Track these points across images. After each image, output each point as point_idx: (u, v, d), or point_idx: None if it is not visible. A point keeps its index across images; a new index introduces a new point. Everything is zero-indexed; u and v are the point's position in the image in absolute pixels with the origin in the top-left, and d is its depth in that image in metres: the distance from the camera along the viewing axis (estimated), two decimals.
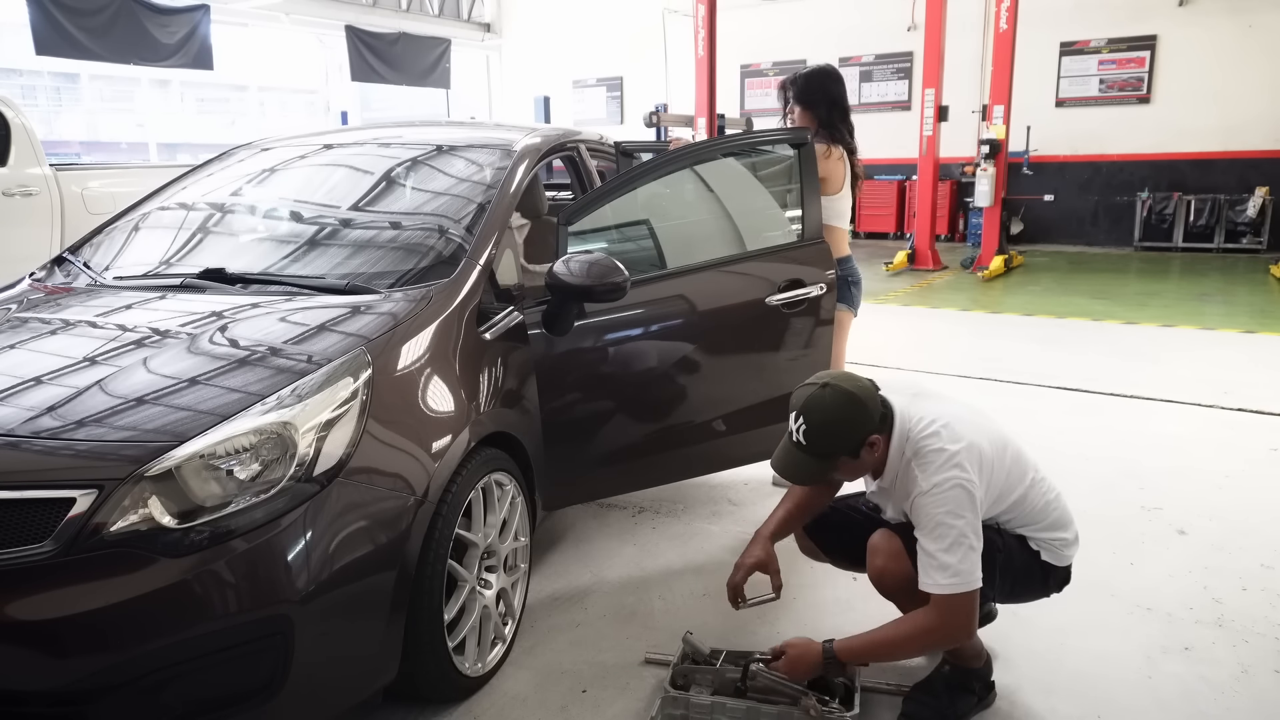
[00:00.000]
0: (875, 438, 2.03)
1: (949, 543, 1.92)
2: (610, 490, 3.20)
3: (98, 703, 1.66)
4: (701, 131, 10.73)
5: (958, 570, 1.92)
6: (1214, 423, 4.52)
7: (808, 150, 3.21)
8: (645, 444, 2.98)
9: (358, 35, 14.17)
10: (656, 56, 15.11)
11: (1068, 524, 2.19)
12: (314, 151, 3.42)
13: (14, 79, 13.84)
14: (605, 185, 2.94)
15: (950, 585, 1.92)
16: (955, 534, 1.92)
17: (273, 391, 1.93)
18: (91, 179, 6.26)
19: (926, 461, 1.99)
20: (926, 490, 1.97)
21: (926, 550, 1.96)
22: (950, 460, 1.97)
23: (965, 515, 1.94)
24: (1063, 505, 2.20)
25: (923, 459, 2.00)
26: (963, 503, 1.94)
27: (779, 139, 3.32)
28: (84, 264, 2.89)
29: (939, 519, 1.94)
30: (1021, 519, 2.13)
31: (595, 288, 2.53)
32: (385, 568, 1.93)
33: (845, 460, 2.05)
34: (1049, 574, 2.19)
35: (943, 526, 1.94)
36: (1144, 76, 11.94)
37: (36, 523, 1.69)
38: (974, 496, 1.96)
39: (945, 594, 1.93)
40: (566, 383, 2.76)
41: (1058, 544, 2.16)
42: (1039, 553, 2.15)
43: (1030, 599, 2.27)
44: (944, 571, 1.92)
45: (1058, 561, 2.18)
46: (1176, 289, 9.00)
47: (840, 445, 2.02)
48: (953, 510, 1.93)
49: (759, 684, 2.16)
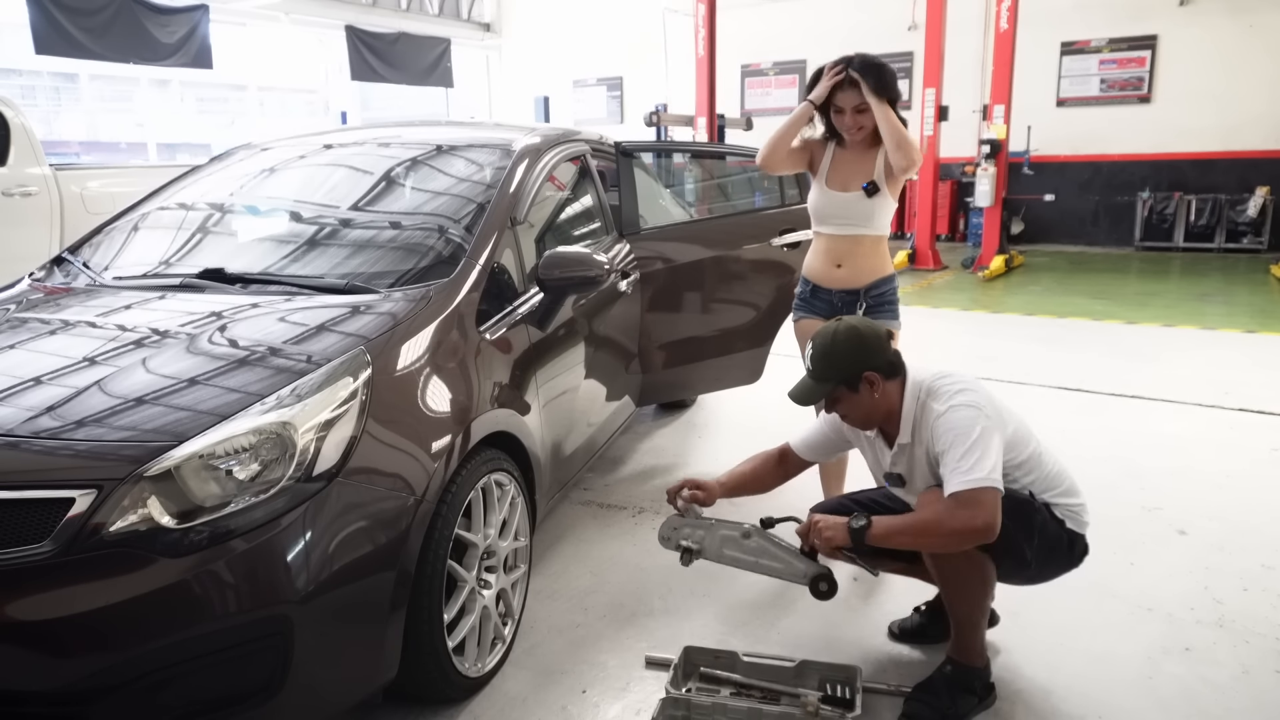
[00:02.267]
0: (873, 375, 2.15)
1: (968, 446, 1.99)
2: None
3: (98, 703, 1.66)
4: (701, 131, 10.75)
5: (973, 467, 1.97)
6: (1214, 423, 4.52)
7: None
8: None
9: (358, 35, 14.16)
10: (656, 56, 15.10)
11: (1078, 491, 2.26)
12: (314, 151, 3.42)
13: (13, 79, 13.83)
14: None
15: (975, 481, 1.97)
16: (975, 437, 2.00)
17: (272, 391, 1.92)
18: (91, 179, 6.25)
19: (940, 393, 2.12)
20: (943, 412, 2.07)
21: (950, 462, 2.01)
22: (964, 388, 2.10)
23: (980, 424, 2.02)
24: (1070, 473, 2.28)
25: (937, 393, 2.12)
26: (977, 416, 2.03)
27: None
28: (83, 264, 2.89)
29: (956, 430, 2.03)
30: (1042, 482, 2.19)
31: (573, 280, 2.74)
32: (385, 568, 1.92)
33: (844, 391, 2.17)
34: (1074, 542, 2.23)
35: (960, 436, 2.02)
36: (1144, 76, 11.93)
37: (36, 523, 1.68)
38: (986, 413, 2.04)
39: (970, 489, 1.97)
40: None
41: (1077, 509, 2.23)
42: (1064, 520, 2.20)
43: (1057, 572, 2.28)
44: (968, 474, 1.97)
45: (1080, 528, 2.23)
46: (1177, 289, 9.00)
47: (837, 371, 2.15)
48: (969, 420, 2.03)
49: (753, 544, 2.23)
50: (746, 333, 3.96)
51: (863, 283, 2.96)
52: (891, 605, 2.69)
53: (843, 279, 2.98)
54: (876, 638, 2.56)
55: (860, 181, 2.90)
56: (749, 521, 2.28)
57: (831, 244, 2.99)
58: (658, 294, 3.70)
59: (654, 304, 3.68)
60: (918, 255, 10.65)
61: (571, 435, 2.99)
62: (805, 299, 3.10)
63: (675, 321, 3.82)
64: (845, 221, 2.94)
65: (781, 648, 2.47)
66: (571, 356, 3.00)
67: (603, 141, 3.90)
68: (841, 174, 2.95)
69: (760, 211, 3.79)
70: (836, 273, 2.98)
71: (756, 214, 4.27)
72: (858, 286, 2.97)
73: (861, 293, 2.96)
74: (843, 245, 2.97)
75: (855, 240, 2.95)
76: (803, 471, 2.54)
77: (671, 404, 4.81)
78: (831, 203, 2.95)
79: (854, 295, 2.97)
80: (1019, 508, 2.10)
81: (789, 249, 3.83)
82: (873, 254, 2.97)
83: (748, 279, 3.94)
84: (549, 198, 3.28)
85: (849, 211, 2.92)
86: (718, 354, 3.95)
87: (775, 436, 2.57)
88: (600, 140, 3.89)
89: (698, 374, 3.99)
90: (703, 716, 2.14)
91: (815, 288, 3.06)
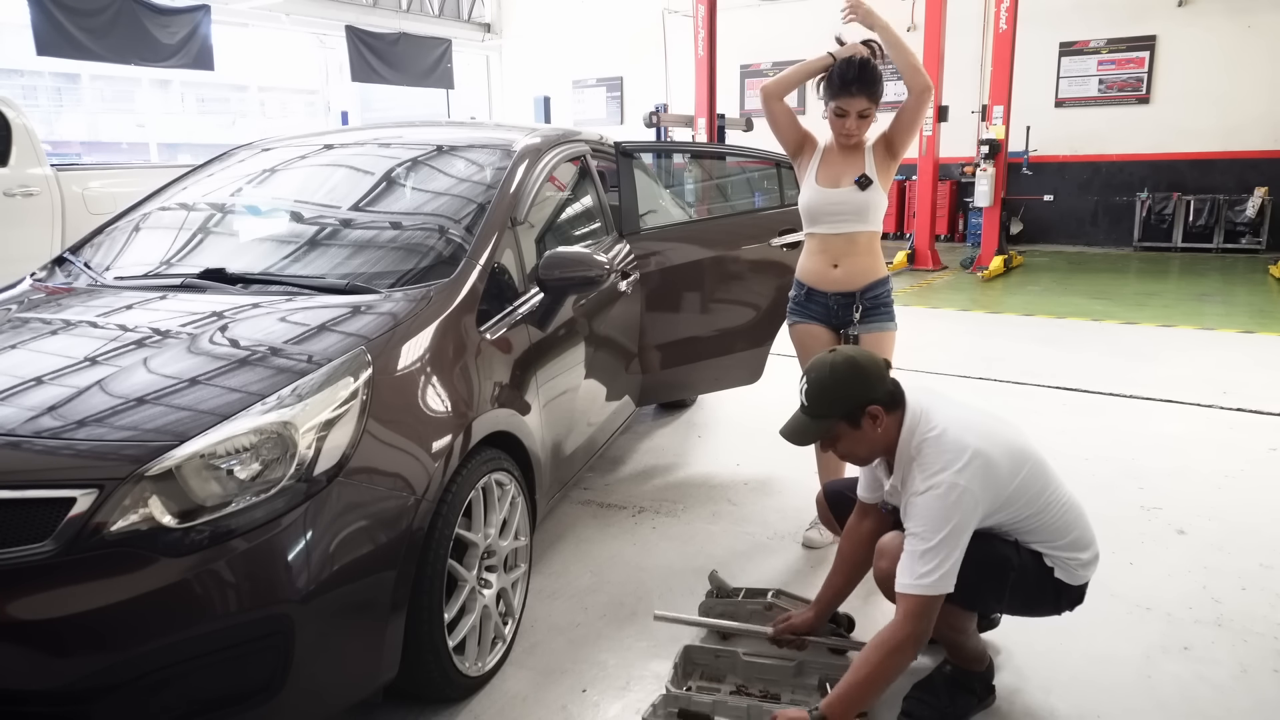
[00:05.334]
0: (876, 409, 2.02)
1: (928, 546, 1.92)
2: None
3: (98, 703, 1.67)
4: (701, 132, 10.75)
5: (927, 573, 1.91)
6: (1214, 423, 4.52)
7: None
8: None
9: (358, 35, 14.17)
10: (656, 56, 15.12)
11: (1088, 545, 2.14)
12: (314, 152, 3.42)
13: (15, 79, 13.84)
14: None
15: (916, 586, 1.91)
16: (938, 538, 1.91)
17: (273, 391, 1.93)
18: (92, 179, 6.26)
19: (927, 463, 1.98)
20: (921, 491, 1.96)
21: (909, 549, 1.96)
22: (949, 464, 1.95)
23: (952, 520, 1.92)
24: (1085, 525, 2.15)
25: (923, 459, 1.99)
26: (952, 509, 1.92)
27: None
28: (85, 264, 2.89)
29: (926, 520, 1.93)
30: (1039, 534, 2.08)
31: (573, 280, 2.76)
32: (385, 567, 1.93)
33: (844, 428, 2.05)
34: (1061, 592, 2.13)
35: (927, 529, 1.93)
36: (1143, 77, 11.94)
37: (37, 522, 1.69)
38: (963, 505, 1.93)
39: (912, 594, 1.92)
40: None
41: (1073, 563, 2.11)
42: (1054, 569, 2.10)
43: (1041, 615, 2.24)
44: (914, 573, 1.92)
45: (1072, 580, 2.13)
46: (1176, 289, 9.00)
47: (835, 408, 2.03)
48: (942, 514, 1.92)
49: (775, 614, 2.44)
50: (746, 333, 3.96)
51: (858, 285, 2.95)
52: (892, 605, 2.68)
53: (839, 280, 2.96)
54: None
55: (852, 177, 2.90)
56: (772, 588, 2.58)
57: (827, 243, 2.97)
58: (658, 294, 3.70)
59: (654, 304, 3.69)
60: (917, 255, 10.65)
61: (571, 435, 2.99)
62: (800, 303, 3.08)
63: (675, 321, 3.82)
64: (840, 218, 2.93)
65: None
66: (572, 356, 3.01)
67: (603, 142, 3.91)
68: (831, 171, 2.95)
69: (760, 212, 3.80)
70: (833, 274, 2.97)
71: (756, 214, 4.29)
72: (854, 289, 2.95)
73: (857, 295, 2.95)
74: (839, 244, 2.95)
75: (851, 239, 2.94)
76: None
77: (671, 404, 4.82)
78: (825, 199, 2.93)
79: (850, 298, 2.96)
80: (992, 565, 2.02)
81: (788, 249, 3.84)
82: (868, 253, 2.96)
83: (747, 279, 3.95)
84: (549, 198, 3.29)
85: (843, 207, 2.91)
86: (718, 354, 3.95)
87: (775, 436, 2.56)
88: (600, 140, 3.89)
89: (698, 374, 3.99)
90: (703, 711, 2.15)
91: (810, 290, 3.03)
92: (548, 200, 3.27)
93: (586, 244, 3.43)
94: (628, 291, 3.51)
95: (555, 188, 3.37)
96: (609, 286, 3.31)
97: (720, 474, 3.88)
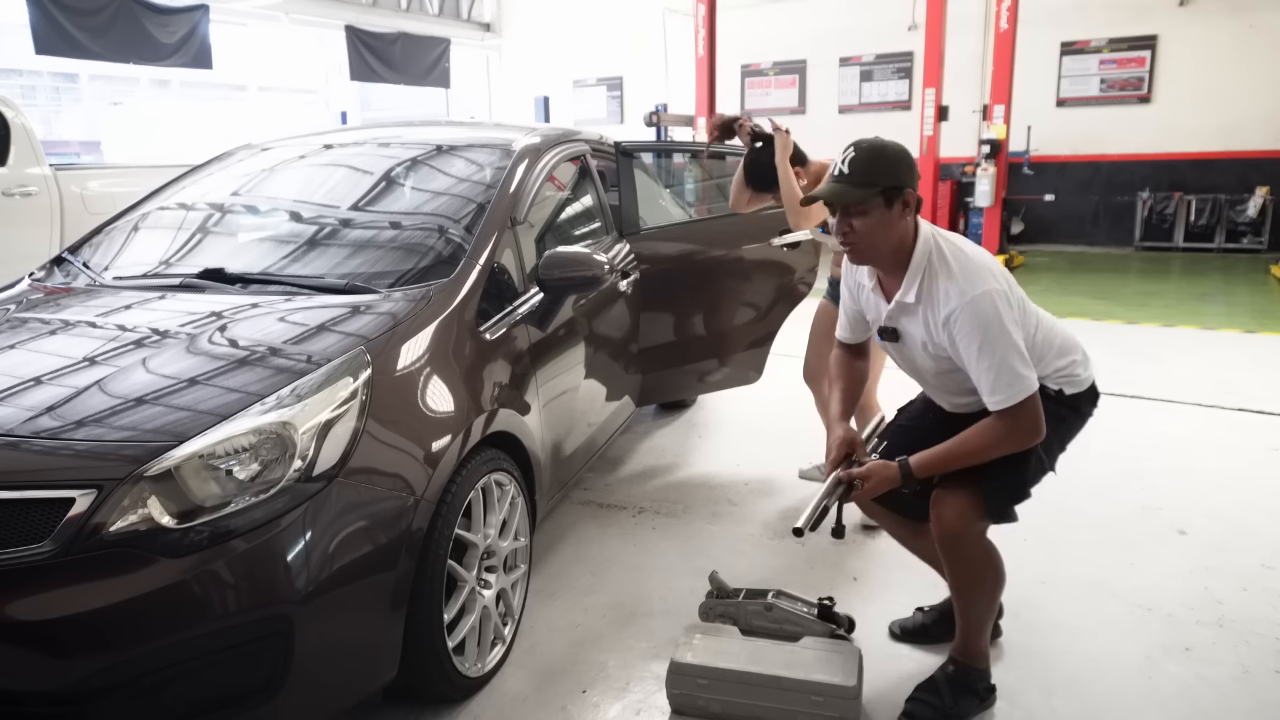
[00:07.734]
0: (911, 195, 2.03)
1: (1000, 355, 1.95)
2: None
3: (98, 703, 1.66)
4: (701, 132, 10.73)
5: (1014, 380, 1.95)
6: (1214, 423, 4.52)
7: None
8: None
9: (357, 35, 14.15)
10: (656, 56, 15.10)
11: (1074, 346, 2.20)
12: (313, 151, 3.42)
13: (14, 79, 13.85)
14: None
15: (1015, 395, 1.95)
16: (1005, 345, 1.95)
17: (272, 391, 1.93)
18: (91, 179, 6.27)
19: (955, 269, 2.01)
20: (963, 304, 1.97)
21: (981, 370, 1.97)
22: (986, 277, 2.00)
23: (1006, 324, 1.96)
24: (1063, 329, 2.21)
25: (952, 270, 2.02)
26: (1005, 312, 1.97)
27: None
28: (83, 264, 2.89)
29: (985, 328, 1.96)
30: (1034, 354, 2.08)
31: (573, 280, 2.76)
32: (385, 568, 1.92)
33: (878, 203, 2.01)
34: (1078, 406, 2.19)
35: (990, 339, 1.95)
36: (1144, 76, 11.93)
37: (36, 523, 1.69)
38: (1012, 305, 1.99)
39: (1012, 405, 1.95)
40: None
41: (1070, 368, 2.16)
42: (1060, 390, 2.15)
43: (1072, 437, 2.25)
44: (1005, 387, 1.95)
45: (1079, 387, 2.18)
46: (1177, 289, 8.99)
47: (881, 177, 2.00)
48: (997, 321, 1.95)
49: (776, 615, 2.30)
50: (747, 332, 3.96)
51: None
52: (892, 604, 2.69)
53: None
54: (877, 637, 2.56)
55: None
56: (772, 588, 2.43)
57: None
58: (658, 294, 3.70)
59: (654, 304, 3.69)
60: None
61: (571, 435, 2.99)
62: (837, 286, 3.18)
63: (675, 321, 3.82)
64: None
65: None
66: (571, 356, 3.00)
67: (603, 141, 3.90)
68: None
69: (759, 212, 3.80)
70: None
71: (756, 214, 4.27)
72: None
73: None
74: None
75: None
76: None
77: (671, 404, 4.81)
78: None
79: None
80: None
81: (789, 249, 3.84)
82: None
83: (747, 279, 3.94)
84: (549, 198, 3.28)
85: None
86: (718, 354, 3.95)
87: (775, 436, 2.57)
88: (600, 140, 3.89)
89: (698, 374, 3.99)
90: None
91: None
92: (547, 200, 3.27)
93: (586, 244, 3.42)
94: (628, 291, 3.51)
95: (555, 187, 3.37)
96: (609, 286, 3.31)
97: (720, 474, 3.88)
